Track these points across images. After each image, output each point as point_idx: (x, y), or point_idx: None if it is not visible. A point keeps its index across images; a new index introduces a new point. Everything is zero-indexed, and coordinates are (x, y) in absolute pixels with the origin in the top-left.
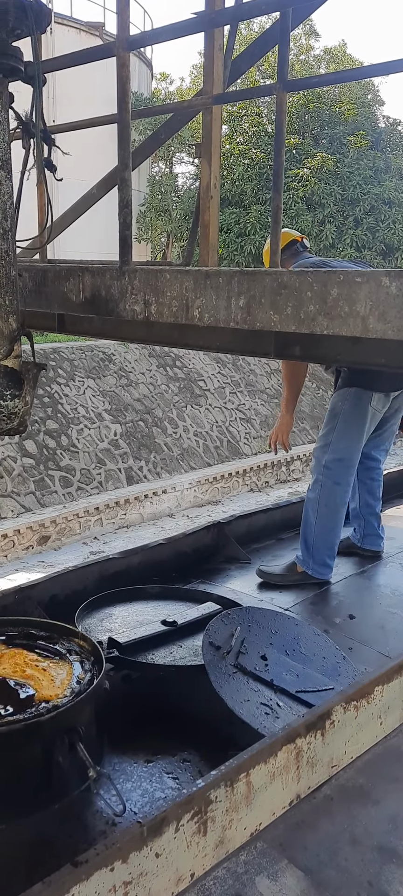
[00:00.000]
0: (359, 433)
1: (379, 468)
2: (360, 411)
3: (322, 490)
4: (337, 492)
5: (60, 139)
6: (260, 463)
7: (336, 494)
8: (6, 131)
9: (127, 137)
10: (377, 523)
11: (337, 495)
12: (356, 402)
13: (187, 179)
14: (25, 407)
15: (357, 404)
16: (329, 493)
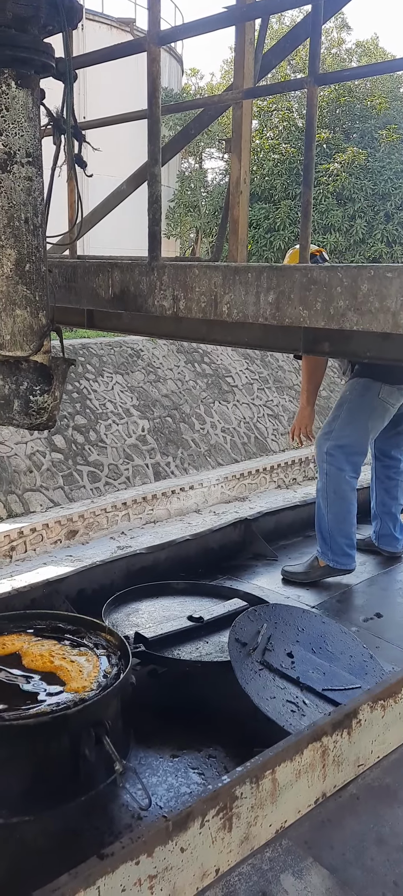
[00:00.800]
0: (364, 423)
1: (398, 467)
2: (366, 401)
3: (327, 478)
4: (343, 477)
5: (90, 135)
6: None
7: (342, 480)
8: (37, 128)
9: (157, 133)
10: (392, 524)
11: (344, 481)
12: (363, 392)
13: (217, 175)
14: (54, 402)
15: (363, 394)
16: (335, 480)
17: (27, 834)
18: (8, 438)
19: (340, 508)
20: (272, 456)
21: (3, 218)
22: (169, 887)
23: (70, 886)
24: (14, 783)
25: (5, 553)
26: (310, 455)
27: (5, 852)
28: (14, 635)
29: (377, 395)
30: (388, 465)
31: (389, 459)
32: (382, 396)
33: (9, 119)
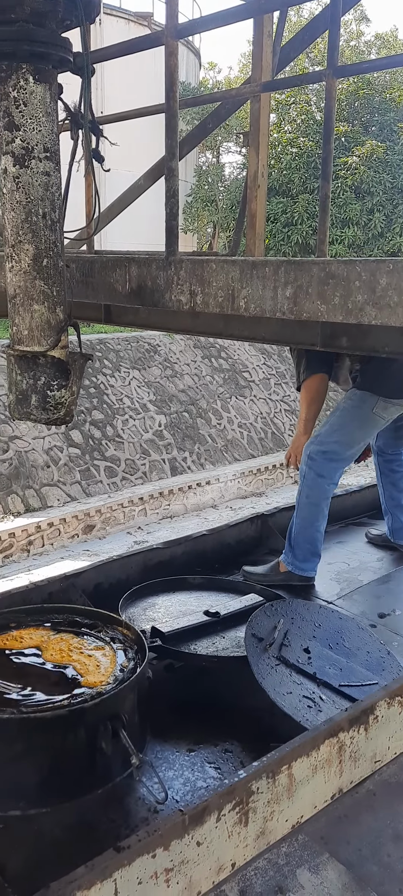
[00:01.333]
0: (352, 433)
1: (401, 460)
2: (360, 413)
3: (304, 480)
4: (320, 484)
5: (108, 130)
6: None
7: (318, 486)
8: (55, 122)
9: (174, 127)
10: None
11: (319, 488)
12: (359, 403)
13: (234, 169)
14: (72, 397)
15: (358, 405)
16: (310, 485)
17: (44, 825)
18: (26, 433)
19: (309, 513)
20: None
21: (20, 213)
22: (185, 881)
23: (86, 878)
24: (32, 775)
25: (23, 547)
26: None
27: (23, 843)
28: (32, 629)
29: (371, 409)
30: (390, 458)
31: (390, 454)
32: (376, 411)
33: (27, 114)
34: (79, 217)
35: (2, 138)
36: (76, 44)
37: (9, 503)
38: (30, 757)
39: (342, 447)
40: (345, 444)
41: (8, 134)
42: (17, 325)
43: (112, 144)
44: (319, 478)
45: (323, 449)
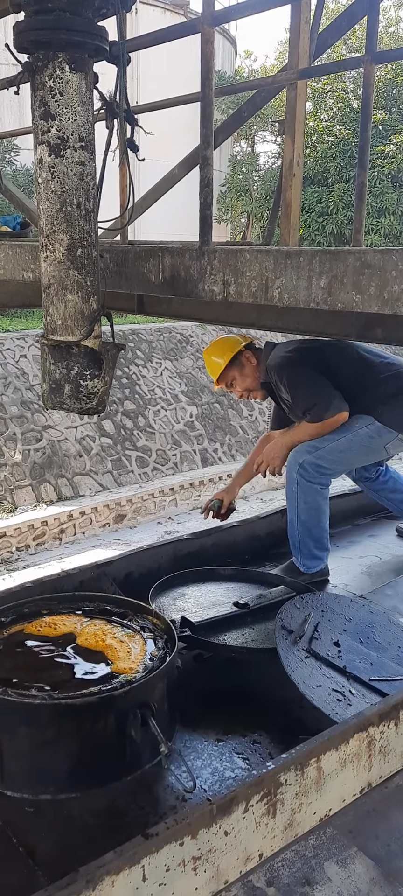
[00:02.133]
0: (355, 459)
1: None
2: (372, 444)
3: (298, 487)
4: (315, 489)
5: (143, 119)
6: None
7: (313, 492)
8: (90, 112)
9: (209, 115)
10: None
11: (315, 493)
12: (374, 434)
13: (269, 158)
14: (104, 387)
15: (373, 437)
16: (306, 491)
17: (74, 810)
18: (59, 423)
19: (310, 517)
20: None
21: (55, 203)
22: (212, 869)
23: (115, 864)
24: (62, 760)
25: (55, 535)
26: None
27: (53, 827)
28: (64, 616)
29: (385, 444)
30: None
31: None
32: (388, 446)
33: (62, 103)
34: (114, 207)
35: (38, 128)
36: (112, 32)
37: (42, 492)
38: (60, 742)
39: (338, 466)
40: (343, 465)
41: (44, 123)
42: (51, 315)
43: (147, 134)
44: (312, 484)
45: (319, 463)
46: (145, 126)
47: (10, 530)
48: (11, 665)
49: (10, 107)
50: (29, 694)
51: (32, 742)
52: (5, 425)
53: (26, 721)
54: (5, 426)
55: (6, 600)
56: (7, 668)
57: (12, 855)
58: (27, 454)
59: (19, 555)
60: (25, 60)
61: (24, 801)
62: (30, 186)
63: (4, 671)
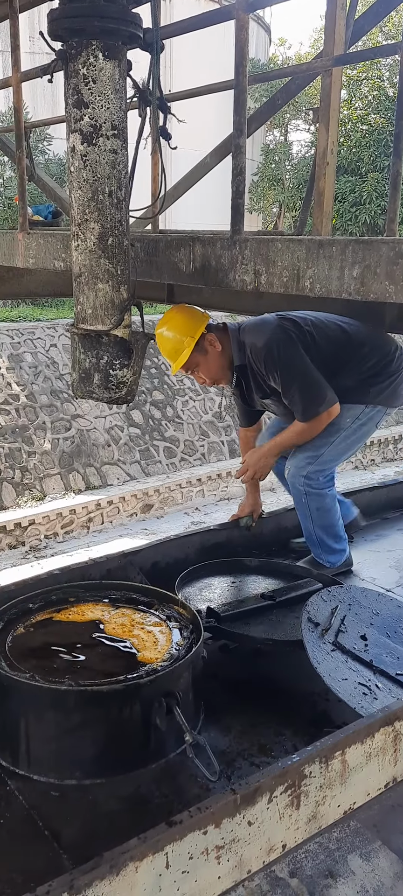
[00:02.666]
0: (354, 449)
1: None
2: (366, 430)
3: (308, 498)
4: (324, 493)
5: (175, 107)
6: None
7: (323, 496)
8: (123, 100)
9: (243, 103)
10: None
11: (325, 496)
12: (366, 420)
13: (302, 147)
14: (133, 377)
15: (365, 423)
16: (316, 498)
17: (99, 796)
18: (88, 412)
19: (324, 519)
20: None
21: (87, 191)
22: (235, 858)
23: (139, 850)
24: (88, 747)
25: (83, 524)
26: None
27: (78, 813)
28: (91, 604)
29: (377, 424)
30: None
31: None
32: (379, 424)
33: (95, 91)
34: (145, 195)
35: (70, 116)
36: (146, 19)
37: (70, 480)
38: (86, 729)
39: (340, 460)
40: (344, 458)
41: (76, 112)
42: (82, 304)
43: (179, 122)
44: (321, 490)
45: (322, 469)
46: (177, 114)
47: (39, 518)
48: (39, 651)
49: (44, 95)
50: (55, 680)
51: (58, 727)
52: (35, 414)
53: (53, 706)
54: (35, 415)
55: (34, 587)
56: (35, 654)
57: (38, 838)
58: (56, 443)
59: (47, 542)
60: (59, 48)
61: (49, 785)
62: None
63: (32, 657)
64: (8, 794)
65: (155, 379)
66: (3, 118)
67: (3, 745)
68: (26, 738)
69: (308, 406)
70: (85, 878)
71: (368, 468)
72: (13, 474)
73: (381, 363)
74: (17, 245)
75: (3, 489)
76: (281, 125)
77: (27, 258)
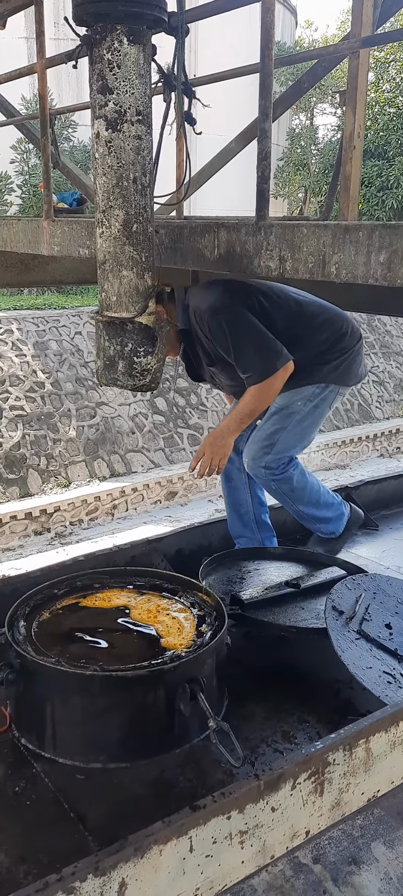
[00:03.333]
0: (312, 433)
1: None
2: (320, 411)
3: (279, 485)
4: (292, 475)
5: (200, 92)
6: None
7: (292, 478)
8: (148, 85)
9: (269, 86)
10: None
11: (295, 478)
12: (319, 402)
13: (328, 131)
14: (158, 364)
15: (319, 405)
16: (287, 482)
17: (124, 780)
18: (112, 400)
19: (305, 496)
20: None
21: (112, 178)
22: (259, 844)
23: (163, 833)
24: (113, 731)
25: (108, 511)
26: None
27: (103, 796)
28: (117, 590)
29: (331, 404)
30: None
31: None
32: (334, 403)
33: (120, 76)
34: (169, 182)
35: (95, 102)
36: (170, 3)
37: (95, 467)
38: (111, 713)
39: (300, 444)
40: (304, 442)
41: (101, 98)
42: (106, 291)
43: (204, 106)
44: (285, 475)
45: (280, 455)
46: (202, 99)
47: (64, 505)
48: (65, 636)
49: (69, 82)
50: (81, 665)
51: (84, 712)
52: (60, 401)
53: (78, 691)
54: (60, 402)
55: (59, 573)
56: (61, 640)
57: (64, 820)
58: (81, 430)
59: (73, 529)
60: (84, 33)
61: (75, 768)
62: (87, 162)
63: (58, 642)
64: (34, 777)
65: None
66: (28, 105)
67: (29, 729)
68: (52, 721)
69: (264, 363)
70: (110, 859)
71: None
72: (39, 461)
73: (333, 338)
74: (42, 233)
75: (29, 476)
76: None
77: (52, 246)
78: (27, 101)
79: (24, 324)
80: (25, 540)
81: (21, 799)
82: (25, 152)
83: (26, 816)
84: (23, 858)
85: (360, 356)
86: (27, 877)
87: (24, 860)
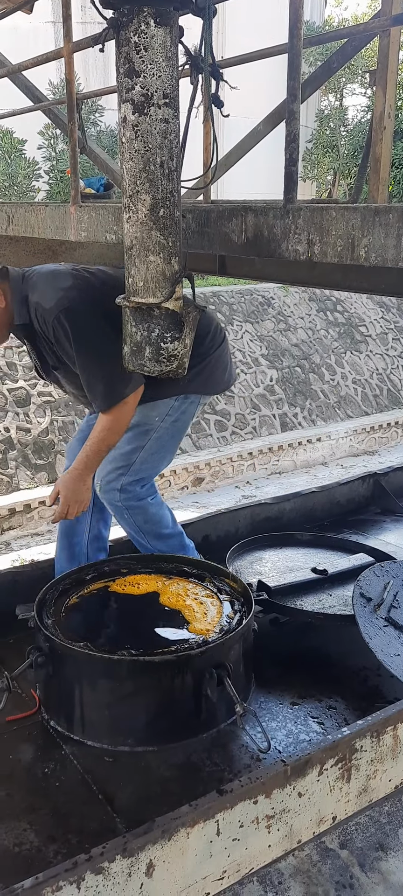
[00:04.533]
0: (173, 450)
1: None
2: (181, 425)
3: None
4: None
5: (228, 74)
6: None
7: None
8: (175, 67)
9: (297, 67)
10: None
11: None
12: (179, 416)
13: (358, 112)
14: (185, 350)
15: (180, 418)
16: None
17: (151, 763)
18: None
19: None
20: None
21: (138, 162)
22: (285, 828)
23: (190, 816)
24: (140, 715)
25: None
26: None
27: (131, 778)
28: (144, 575)
29: (193, 415)
30: None
31: None
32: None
33: (147, 59)
34: (197, 165)
35: (122, 86)
36: None
37: None
38: (139, 697)
39: (158, 466)
40: (163, 464)
41: (128, 81)
42: (133, 277)
43: (232, 88)
44: (142, 501)
45: (138, 477)
46: (230, 81)
47: None
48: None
49: (95, 66)
50: (109, 649)
51: (112, 695)
52: None
53: (106, 675)
54: None
55: None
56: (89, 624)
57: (92, 801)
58: None
59: None
60: (111, 16)
61: (103, 751)
62: (113, 147)
63: (86, 626)
64: (63, 759)
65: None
66: (55, 90)
67: (58, 712)
68: (81, 705)
69: (111, 390)
70: (138, 841)
71: None
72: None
73: None
74: (69, 218)
75: (58, 462)
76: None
77: (79, 231)
78: (54, 86)
79: None
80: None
81: (50, 780)
82: (53, 138)
83: (56, 797)
84: (52, 838)
85: (224, 360)
86: (57, 856)
87: (53, 840)
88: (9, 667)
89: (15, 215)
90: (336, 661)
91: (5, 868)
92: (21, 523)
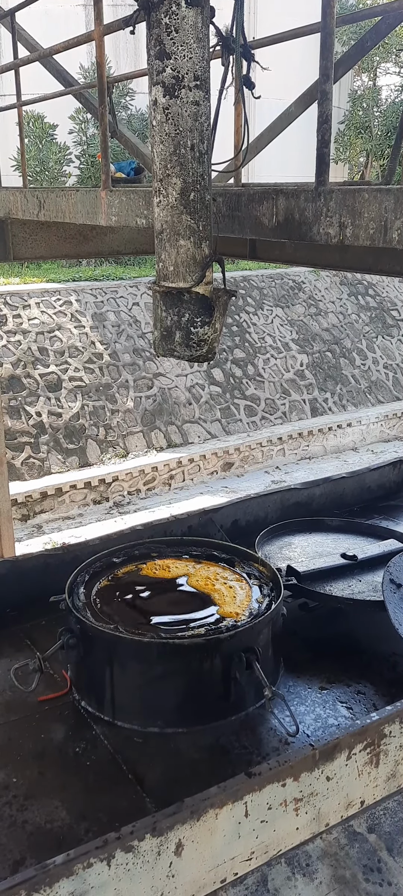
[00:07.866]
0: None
1: None
2: None
3: None
4: None
5: (259, 55)
6: None
7: None
8: (206, 49)
9: (330, 46)
10: None
11: None
12: None
13: (392, 92)
14: (214, 334)
15: None
16: None
17: (180, 745)
18: (169, 371)
19: None
20: None
21: (169, 145)
22: (313, 812)
23: (219, 798)
24: (170, 697)
25: (165, 481)
26: None
27: (160, 759)
28: (174, 559)
29: None
30: None
31: None
32: None
33: (178, 41)
34: (227, 148)
35: (153, 68)
36: None
37: (152, 438)
38: (168, 680)
39: None
40: None
41: (159, 63)
42: (164, 261)
43: (263, 70)
44: None
45: None
46: (261, 62)
47: (122, 475)
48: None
49: (126, 49)
50: (139, 631)
51: (142, 678)
52: (118, 372)
53: (135, 657)
54: (118, 373)
55: (118, 542)
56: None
57: (122, 781)
58: (139, 401)
59: (130, 499)
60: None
61: (133, 732)
62: (144, 131)
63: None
64: (94, 739)
65: (236, 337)
66: (86, 74)
67: (89, 692)
68: (111, 686)
69: None
70: (167, 821)
71: None
72: (97, 432)
73: None
74: (100, 203)
75: (88, 446)
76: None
77: (110, 216)
78: (85, 70)
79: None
80: (84, 509)
81: (81, 759)
82: (83, 122)
83: (86, 776)
84: (83, 816)
85: None
86: (87, 834)
87: (84, 818)
88: (41, 648)
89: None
90: (366, 646)
91: (38, 844)
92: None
